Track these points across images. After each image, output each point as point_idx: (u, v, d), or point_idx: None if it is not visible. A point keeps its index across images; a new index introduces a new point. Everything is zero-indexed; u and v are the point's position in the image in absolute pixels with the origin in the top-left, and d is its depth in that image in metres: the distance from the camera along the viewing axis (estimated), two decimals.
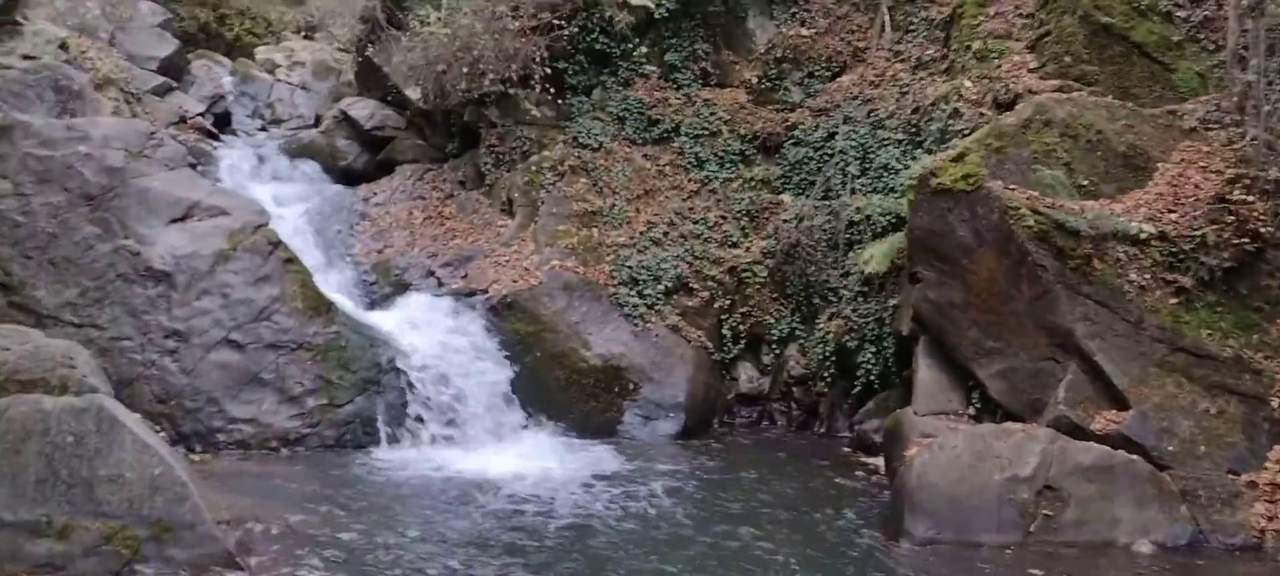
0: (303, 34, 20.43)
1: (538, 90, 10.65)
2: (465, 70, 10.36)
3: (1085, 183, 8.00)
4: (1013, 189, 7.88)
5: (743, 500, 7.60)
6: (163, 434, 7.49)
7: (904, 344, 8.92)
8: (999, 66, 9.72)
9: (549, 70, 10.59)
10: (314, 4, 20.83)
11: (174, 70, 12.84)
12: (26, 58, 8.98)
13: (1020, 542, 6.54)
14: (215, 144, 11.49)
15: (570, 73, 10.97)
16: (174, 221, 8.33)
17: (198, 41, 18.23)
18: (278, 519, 6.18)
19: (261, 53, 17.78)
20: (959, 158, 8.12)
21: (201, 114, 12.13)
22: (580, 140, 10.76)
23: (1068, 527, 6.58)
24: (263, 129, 13.55)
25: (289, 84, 15.36)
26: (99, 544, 5.14)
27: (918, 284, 8.34)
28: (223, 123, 12.81)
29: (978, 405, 7.97)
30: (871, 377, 9.40)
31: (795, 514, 7.35)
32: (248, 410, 7.89)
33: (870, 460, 8.86)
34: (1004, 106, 9.26)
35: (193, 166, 9.33)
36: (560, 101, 10.89)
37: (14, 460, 5.13)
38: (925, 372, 8.31)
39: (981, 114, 9.44)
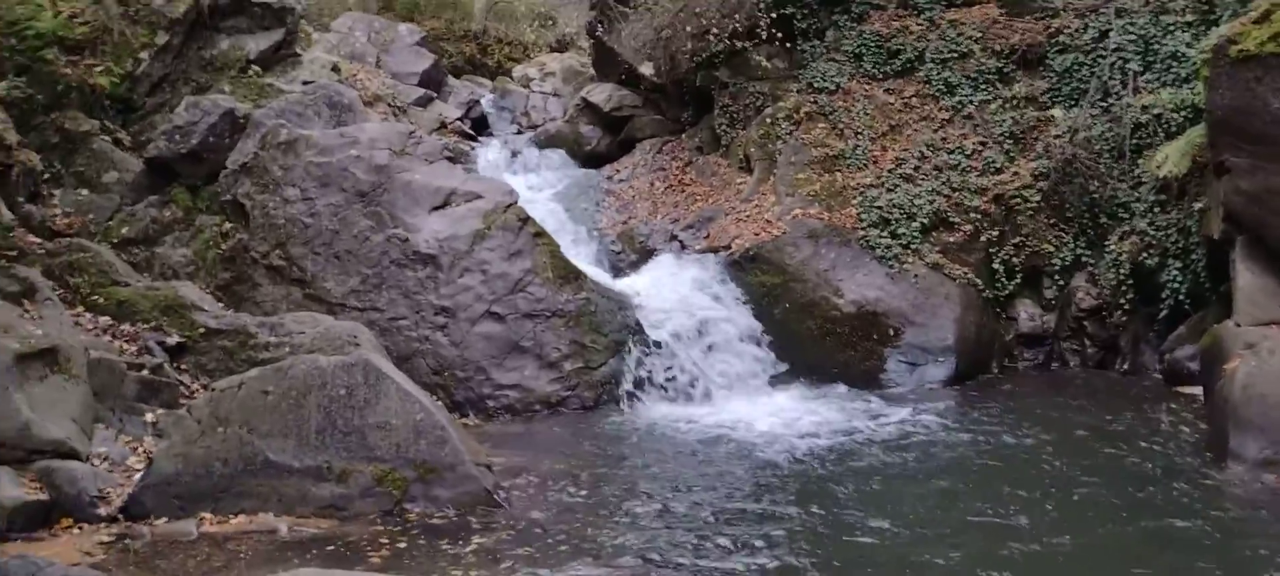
0: (555, 50, 21.59)
1: (766, 41, 10.30)
2: (690, 30, 10.24)
3: None
4: None
5: (1032, 441, 6.76)
6: (440, 402, 8.02)
7: (1217, 251, 7.61)
8: None
9: (775, 16, 10.21)
10: (563, 24, 21.97)
11: (433, 83, 13.92)
12: (305, 83, 10.07)
13: None
14: (473, 144, 12.25)
15: (798, 17, 10.51)
16: (435, 209, 8.87)
17: (464, 71, 19.85)
18: (535, 465, 6.34)
19: (517, 71, 18.99)
20: (1264, 17, 6.79)
21: (460, 119, 13.03)
22: (815, 85, 10.27)
23: None
24: (518, 133, 14.32)
25: (542, 93, 16.15)
26: (373, 486, 5.48)
27: (1225, 176, 7.08)
28: (480, 127, 13.68)
29: None
30: (1180, 297, 8.15)
31: (1098, 448, 6.47)
32: (512, 377, 8.20)
33: (1187, 391, 7.67)
34: None
35: (450, 160, 9.95)
36: (790, 48, 10.46)
37: (298, 413, 5.60)
38: (1247, 278, 7.03)
39: None
